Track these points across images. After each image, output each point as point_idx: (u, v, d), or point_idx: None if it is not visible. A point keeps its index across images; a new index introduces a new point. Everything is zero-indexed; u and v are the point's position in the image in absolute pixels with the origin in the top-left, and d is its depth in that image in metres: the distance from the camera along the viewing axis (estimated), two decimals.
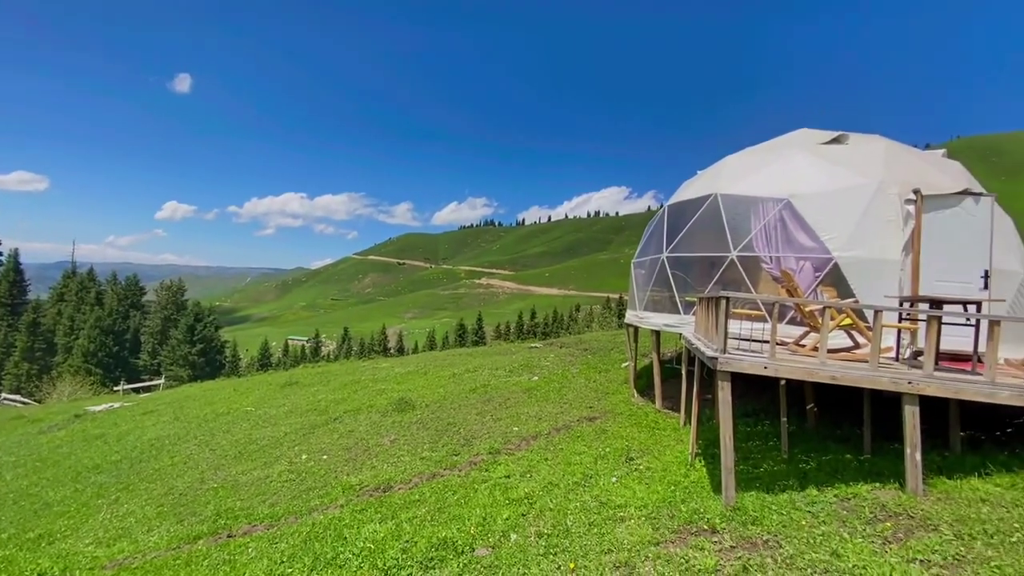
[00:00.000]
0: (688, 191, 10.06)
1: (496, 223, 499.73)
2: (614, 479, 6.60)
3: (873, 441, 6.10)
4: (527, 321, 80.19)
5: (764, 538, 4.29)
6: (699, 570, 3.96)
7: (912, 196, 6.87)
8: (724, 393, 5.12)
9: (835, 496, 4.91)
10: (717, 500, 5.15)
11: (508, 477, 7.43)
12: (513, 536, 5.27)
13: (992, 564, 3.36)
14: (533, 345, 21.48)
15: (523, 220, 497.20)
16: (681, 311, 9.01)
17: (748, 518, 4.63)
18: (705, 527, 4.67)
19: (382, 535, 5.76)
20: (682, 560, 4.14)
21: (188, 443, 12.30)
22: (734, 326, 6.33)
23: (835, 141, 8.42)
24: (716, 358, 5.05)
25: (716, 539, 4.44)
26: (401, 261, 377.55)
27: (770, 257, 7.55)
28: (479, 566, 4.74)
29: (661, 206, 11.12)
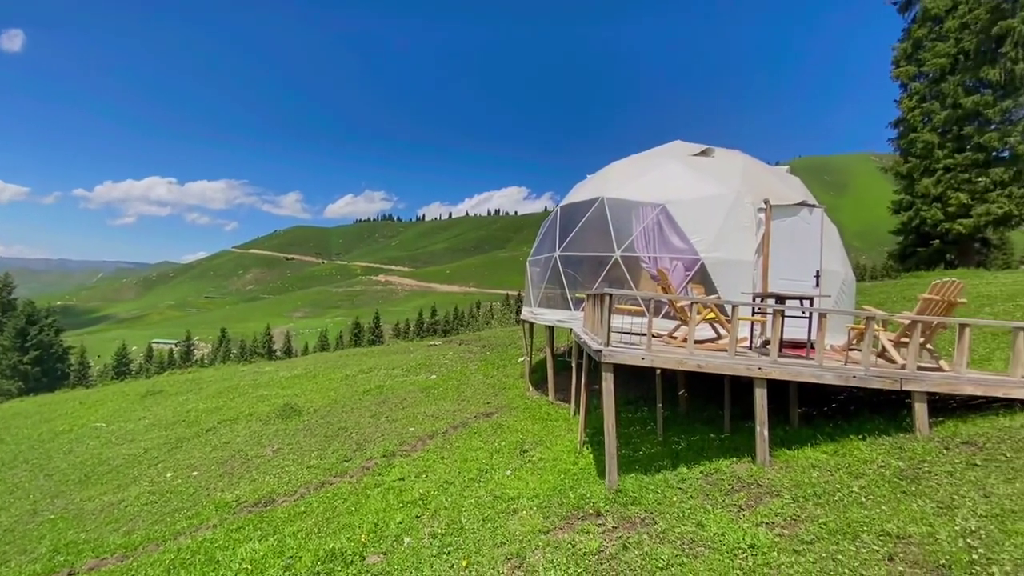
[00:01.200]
0: (579, 194, 10.57)
1: (395, 218, 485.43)
2: (508, 472, 6.75)
3: (732, 421, 6.91)
4: (427, 319, 79.02)
5: (642, 516, 4.65)
6: (584, 553, 4.18)
7: (763, 205, 7.89)
8: (608, 383, 5.46)
9: (701, 472, 5.48)
10: (602, 484, 5.48)
11: (403, 479, 7.26)
12: (407, 539, 5.16)
13: (819, 521, 3.97)
14: (432, 343, 21.22)
15: (423, 216, 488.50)
16: (572, 307, 9.45)
17: (628, 499, 4.99)
18: (591, 511, 4.95)
19: (262, 553, 5.33)
20: (569, 545, 4.35)
21: (16, 469, 10.36)
22: (618, 321, 6.78)
23: (703, 154, 9.39)
24: (600, 351, 5.37)
25: (600, 522, 4.72)
26: (289, 256, 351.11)
27: (648, 257, 8.20)
28: (370, 575, 4.57)
29: (556, 207, 11.56)
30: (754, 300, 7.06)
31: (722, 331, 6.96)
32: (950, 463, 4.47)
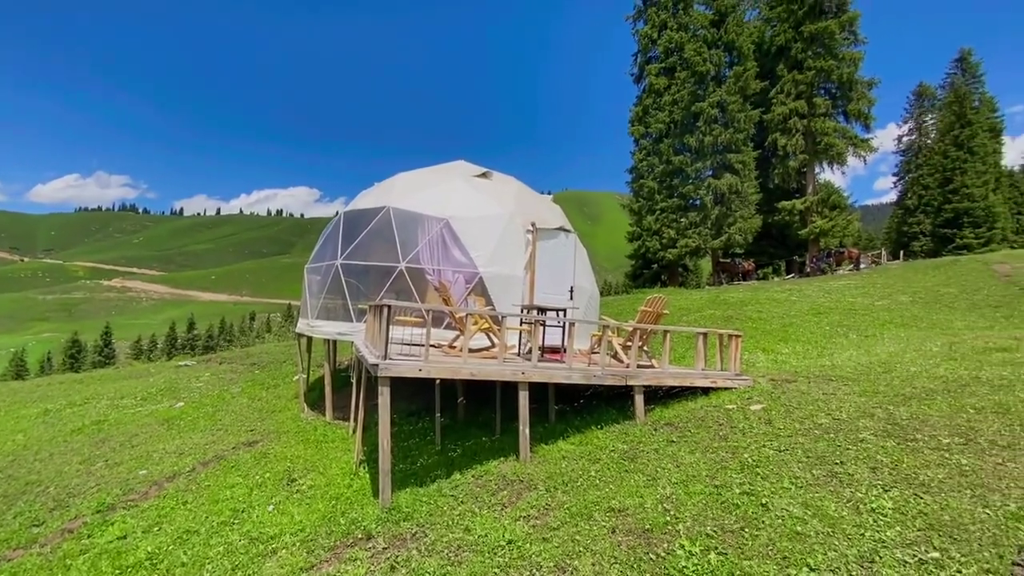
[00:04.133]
0: (365, 200, 10.21)
1: (140, 209, 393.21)
2: (271, 508, 5.98)
3: (503, 423, 7.46)
4: (182, 333, 65.69)
5: (413, 531, 4.62)
6: None
7: (531, 227, 8.86)
8: (384, 398, 5.31)
9: (473, 476, 5.74)
10: (376, 505, 5.28)
11: (124, 538, 5.80)
12: None
13: (565, 507, 4.53)
14: (183, 363, 17.75)
15: (181, 209, 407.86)
16: (355, 319, 9.01)
17: (401, 515, 4.91)
18: (361, 535, 4.71)
19: None
20: None
21: None
22: (401, 333, 6.71)
23: (483, 176, 10.10)
24: (377, 364, 5.20)
25: (371, 545, 4.52)
26: None
27: (433, 269, 8.37)
28: None
29: (340, 212, 10.93)
30: (522, 311, 7.82)
31: (497, 340, 7.50)
32: (656, 442, 5.62)
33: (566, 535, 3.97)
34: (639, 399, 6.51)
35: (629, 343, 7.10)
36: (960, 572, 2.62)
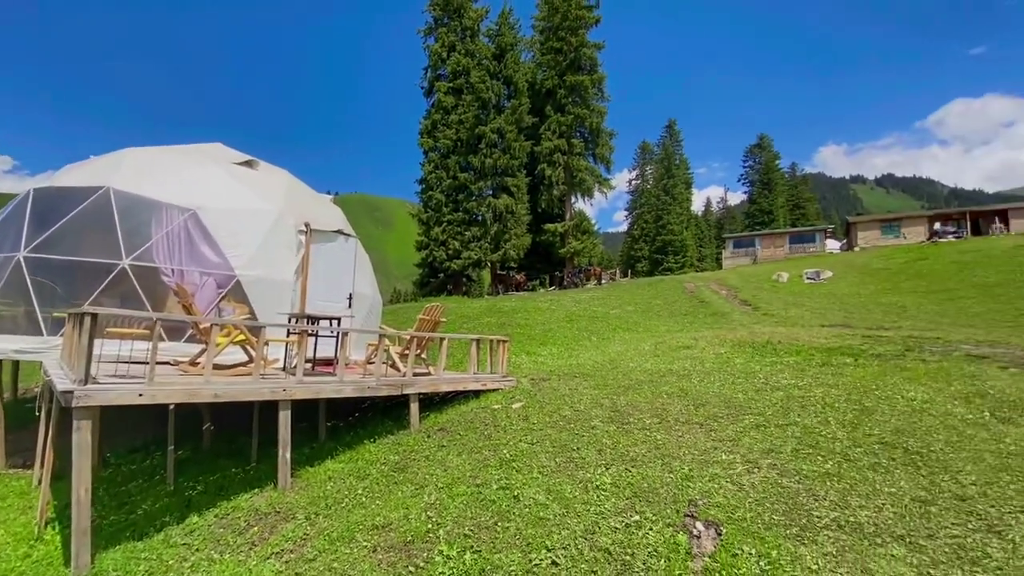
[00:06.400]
0: (71, 176, 7.90)
1: None
2: None
3: (261, 448, 6.57)
4: None
5: None
6: None
7: (303, 228, 8.12)
8: (82, 434, 4.09)
9: (215, 516, 4.88)
10: (68, 573, 4.03)
11: None
12: None
13: (325, 533, 4.18)
14: None
15: None
16: (45, 331, 6.82)
17: None
18: None
19: None
20: None
21: None
22: (123, 347, 5.31)
23: (247, 164, 8.86)
24: (71, 391, 3.99)
25: None
26: None
27: (171, 269, 6.92)
28: None
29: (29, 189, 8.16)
30: (289, 321, 7.08)
31: (254, 353, 6.58)
32: (428, 448, 5.69)
33: (323, 565, 3.66)
34: (414, 407, 6.51)
35: (406, 352, 7.08)
36: (651, 528, 3.31)
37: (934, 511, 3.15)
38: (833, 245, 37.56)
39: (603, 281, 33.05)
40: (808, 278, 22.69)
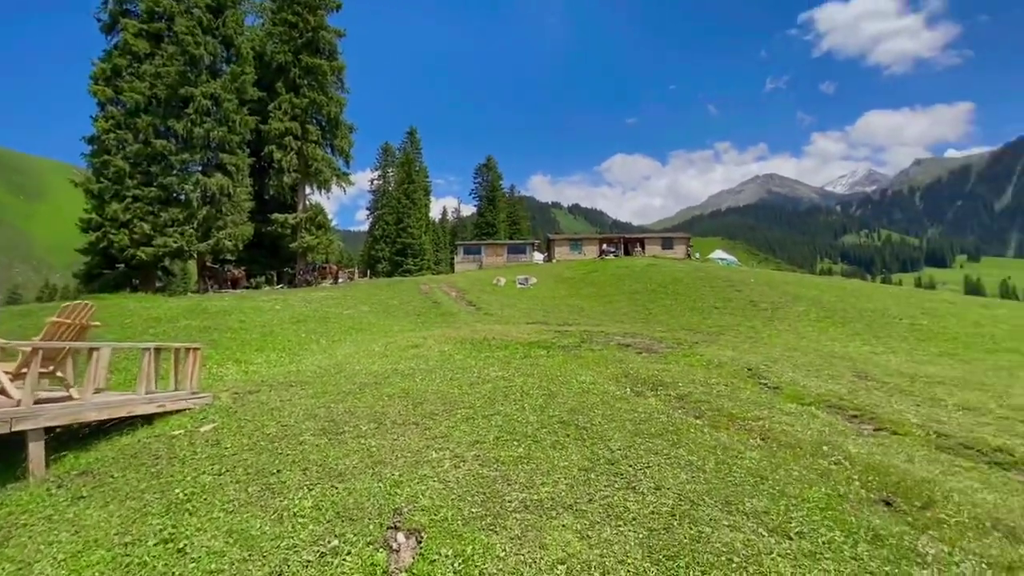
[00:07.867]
0: None
1: None
2: None
3: None
4: None
5: None
6: None
7: None
8: None
9: None
10: None
11: None
12: None
13: None
14: None
15: None
16: None
17: None
18: None
19: None
20: None
21: None
22: None
23: None
24: None
25: None
26: None
27: None
28: None
29: None
30: None
31: None
32: (54, 504, 4.07)
33: None
34: (35, 448, 4.64)
35: (26, 370, 4.99)
36: (349, 553, 2.99)
37: (592, 477, 3.77)
38: (538, 257, 44.83)
39: (340, 280, 31.45)
40: (520, 283, 26.34)
